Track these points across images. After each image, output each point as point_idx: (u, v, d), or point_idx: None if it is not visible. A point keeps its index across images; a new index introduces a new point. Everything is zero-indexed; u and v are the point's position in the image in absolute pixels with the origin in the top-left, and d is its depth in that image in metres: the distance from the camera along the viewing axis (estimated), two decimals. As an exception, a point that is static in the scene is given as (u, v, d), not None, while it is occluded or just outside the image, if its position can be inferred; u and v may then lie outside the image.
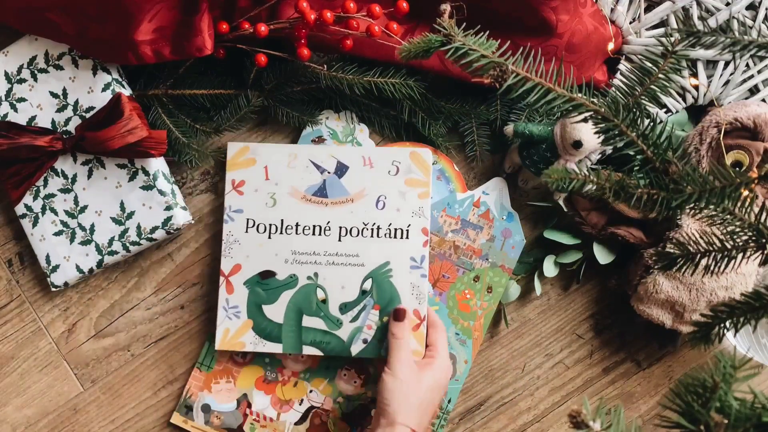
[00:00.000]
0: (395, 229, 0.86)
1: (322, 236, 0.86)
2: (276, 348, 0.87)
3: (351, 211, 0.87)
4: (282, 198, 0.87)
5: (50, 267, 0.87)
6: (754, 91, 0.89)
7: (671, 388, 0.57)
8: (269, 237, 0.87)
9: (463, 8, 0.72)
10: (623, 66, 0.88)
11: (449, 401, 0.90)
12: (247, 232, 0.87)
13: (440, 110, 0.88)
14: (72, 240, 0.86)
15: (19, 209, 0.87)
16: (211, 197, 0.91)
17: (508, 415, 0.91)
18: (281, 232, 0.87)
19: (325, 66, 0.84)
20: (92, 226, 0.86)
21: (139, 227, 0.85)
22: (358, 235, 0.86)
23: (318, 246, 0.86)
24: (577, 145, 0.81)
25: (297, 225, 0.87)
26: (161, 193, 0.84)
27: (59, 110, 0.85)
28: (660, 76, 0.60)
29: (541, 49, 0.69)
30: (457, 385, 0.90)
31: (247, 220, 0.87)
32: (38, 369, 0.91)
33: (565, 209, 0.87)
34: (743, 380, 0.52)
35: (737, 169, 0.81)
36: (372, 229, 0.86)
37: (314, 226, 0.86)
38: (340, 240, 0.86)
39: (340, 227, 0.86)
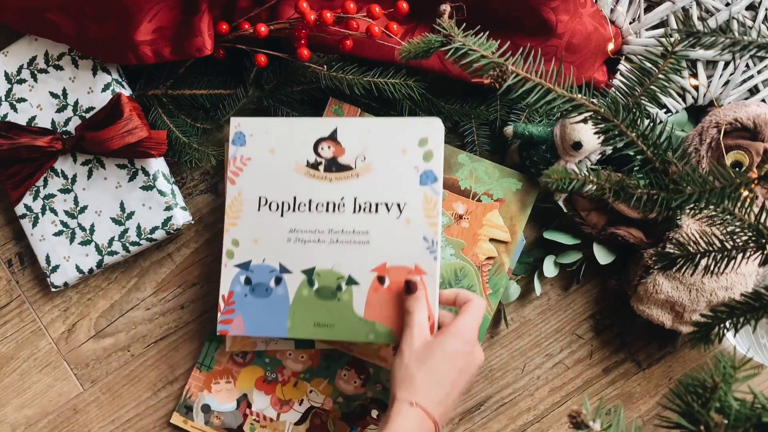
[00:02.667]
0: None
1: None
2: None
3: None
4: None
5: (50, 267, 0.87)
6: (754, 91, 0.89)
7: (671, 388, 0.57)
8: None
9: (463, 8, 0.72)
10: (623, 66, 0.88)
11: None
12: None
13: (440, 110, 0.87)
14: (72, 240, 0.86)
15: (19, 209, 0.87)
16: (211, 197, 0.91)
17: (508, 416, 0.91)
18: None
19: (325, 66, 0.84)
20: (92, 226, 0.86)
21: (139, 227, 0.85)
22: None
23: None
24: (577, 146, 0.81)
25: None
26: (161, 193, 0.84)
27: (59, 110, 0.85)
28: (660, 76, 0.60)
29: (541, 50, 0.69)
30: (457, 385, 0.90)
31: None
32: (38, 369, 0.91)
33: (565, 210, 0.87)
34: (743, 380, 0.52)
35: (737, 169, 0.81)
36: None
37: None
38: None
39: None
